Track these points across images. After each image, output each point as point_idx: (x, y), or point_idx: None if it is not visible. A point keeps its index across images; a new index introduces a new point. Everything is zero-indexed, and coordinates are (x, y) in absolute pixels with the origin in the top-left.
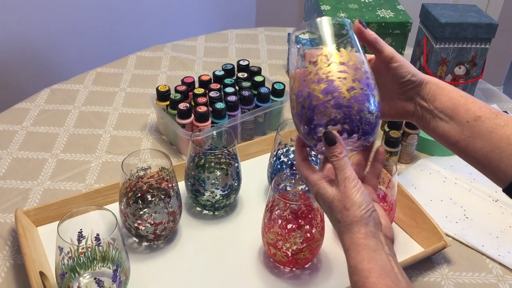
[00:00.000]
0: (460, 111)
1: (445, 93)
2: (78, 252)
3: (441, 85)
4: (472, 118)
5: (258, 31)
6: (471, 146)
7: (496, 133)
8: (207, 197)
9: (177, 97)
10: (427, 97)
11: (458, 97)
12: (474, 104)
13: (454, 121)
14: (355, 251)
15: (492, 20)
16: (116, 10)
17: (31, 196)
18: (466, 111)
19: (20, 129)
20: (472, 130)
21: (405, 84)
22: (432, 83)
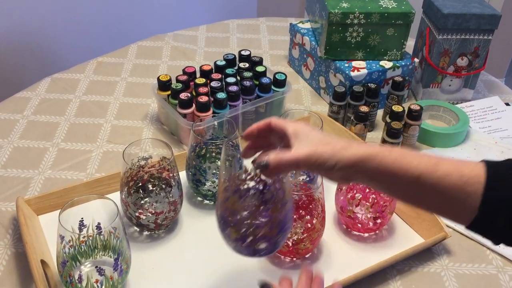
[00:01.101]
0: (399, 176)
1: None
2: (79, 241)
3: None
4: (412, 180)
5: (260, 21)
6: (421, 201)
7: (441, 185)
8: (208, 187)
9: (178, 87)
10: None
11: (390, 163)
12: (410, 163)
13: (396, 186)
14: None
15: (495, 11)
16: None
17: (32, 185)
18: (404, 174)
19: (21, 118)
20: (417, 189)
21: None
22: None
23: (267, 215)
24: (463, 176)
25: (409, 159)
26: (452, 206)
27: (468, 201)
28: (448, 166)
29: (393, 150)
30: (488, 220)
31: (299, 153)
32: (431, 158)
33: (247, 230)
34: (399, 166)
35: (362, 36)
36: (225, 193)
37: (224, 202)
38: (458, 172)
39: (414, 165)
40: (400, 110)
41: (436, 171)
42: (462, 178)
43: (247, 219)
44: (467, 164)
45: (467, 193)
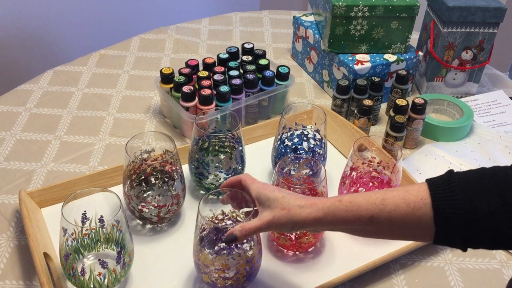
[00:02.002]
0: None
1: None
2: (82, 234)
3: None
4: (366, 222)
5: (263, 14)
6: (381, 236)
7: (395, 219)
8: (211, 180)
9: (181, 80)
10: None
11: (343, 214)
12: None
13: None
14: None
15: (501, 4)
16: None
17: (34, 178)
18: (357, 219)
19: (23, 110)
20: (373, 228)
21: None
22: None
23: (236, 270)
24: (410, 203)
25: (359, 203)
26: (411, 232)
27: (422, 224)
28: (394, 199)
29: (343, 200)
30: (446, 233)
31: (261, 221)
32: (378, 196)
33: (217, 279)
34: (351, 215)
35: (366, 29)
36: (199, 243)
37: (198, 253)
38: (404, 202)
39: (363, 208)
40: (404, 103)
41: (384, 208)
42: (409, 205)
43: (217, 271)
44: (411, 191)
45: (418, 217)
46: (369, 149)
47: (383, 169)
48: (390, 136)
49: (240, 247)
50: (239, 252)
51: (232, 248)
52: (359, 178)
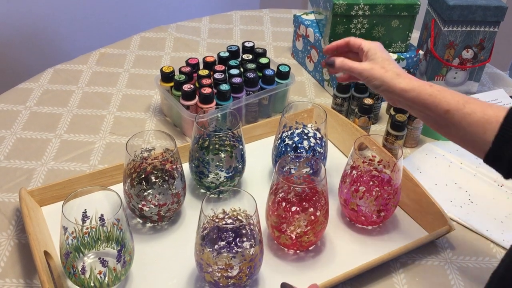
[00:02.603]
0: (430, 108)
1: (414, 95)
2: (83, 232)
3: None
4: (442, 113)
5: (263, 12)
6: (446, 132)
7: (465, 121)
8: (211, 179)
9: (181, 79)
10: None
11: (426, 96)
12: (443, 98)
13: (427, 115)
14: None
15: (501, 2)
16: None
17: (35, 176)
18: (435, 107)
19: (23, 109)
20: (444, 121)
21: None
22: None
23: (239, 269)
24: (485, 115)
25: (444, 95)
26: (472, 139)
27: (485, 136)
28: (475, 106)
29: (433, 86)
30: (498, 153)
31: (360, 65)
32: (462, 98)
33: (220, 278)
34: (432, 100)
35: (366, 27)
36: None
37: (200, 252)
38: (482, 112)
39: (446, 100)
40: None
41: (463, 109)
42: (484, 116)
43: (220, 271)
44: (492, 107)
45: (485, 129)
46: (370, 148)
47: (383, 168)
48: (390, 135)
49: (240, 245)
50: (242, 252)
51: (232, 247)
52: (360, 177)
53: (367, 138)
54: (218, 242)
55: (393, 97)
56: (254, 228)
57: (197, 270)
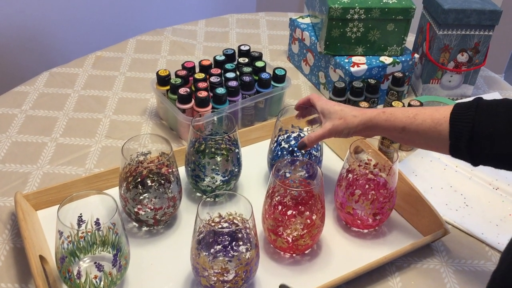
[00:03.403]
0: (389, 132)
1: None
2: (78, 236)
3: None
4: (399, 132)
5: (259, 16)
6: (411, 144)
7: (422, 130)
8: (207, 183)
9: (177, 82)
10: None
11: (383, 123)
12: (395, 119)
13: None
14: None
15: (496, 6)
16: None
17: (30, 180)
18: (393, 129)
19: (19, 112)
20: (405, 137)
21: None
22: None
23: (235, 273)
24: (434, 119)
25: (396, 116)
26: (432, 143)
27: (441, 137)
28: (424, 115)
29: (385, 112)
30: (457, 147)
31: (323, 130)
32: (412, 111)
33: (216, 282)
34: (389, 124)
35: (362, 31)
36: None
37: (196, 256)
38: (431, 118)
39: (399, 120)
40: (400, 106)
41: (414, 121)
42: (433, 121)
43: (216, 275)
44: (440, 110)
45: (439, 131)
46: (365, 151)
47: (379, 172)
48: (386, 138)
49: (236, 249)
50: (238, 255)
51: (228, 251)
52: (355, 180)
53: (363, 142)
54: (214, 246)
55: (365, 134)
56: (250, 232)
57: (193, 274)
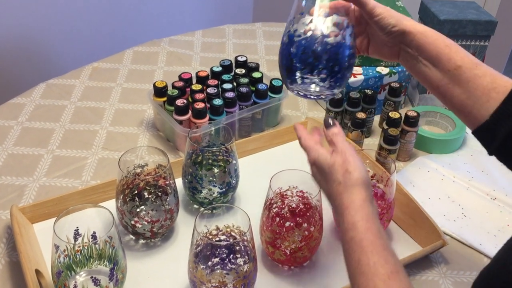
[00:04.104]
0: (443, 59)
1: (430, 42)
2: (75, 250)
3: (426, 33)
4: (453, 67)
5: (256, 26)
6: (449, 92)
7: (474, 82)
8: (204, 195)
9: (174, 93)
10: (412, 44)
11: (443, 46)
12: (457, 54)
13: (436, 68)
14: (354, 210)
15: (492, 17)
16: (113, 4)
17: (26, 193)
18: (448, 60)
19: (15, 124)
20: (452, 78)
21: (387, 34)
22: (417, 33)
23: (232, 287)
24: (495, 83)
25: (457, 49)
26: (472, 104)
27: (487, 105)
28: (486, 70)
29: (446, 38)
30: (493, 127)
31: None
32: (474, 59)
33: None
34: (448, 52)
35: None
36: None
37: (193, 270)
38: (492, 78)
39: (459, 55)
40: (397, 116)
41: (474, 69)
42: (493, 84)
43: None
44: (502, 77)
45: (490, 97)
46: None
47: (376, 183)
48: (383, 149)
49: (234, 262)
50: (236, 268)
51: (226, 263)
52: None
53: (360, 152)
54: (212, 259)
55: (404, 41)
56: (248, 245)
57: (191, 287)
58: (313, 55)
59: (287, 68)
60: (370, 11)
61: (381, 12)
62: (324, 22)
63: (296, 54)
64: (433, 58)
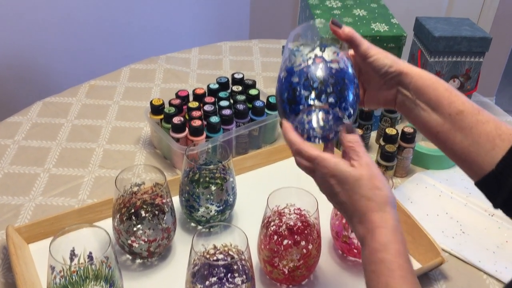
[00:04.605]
0: (443, 104)
1: (429, 84)
2: (71, 271)
3: (424, 76)
4: (454, 112)
5: (252, 43)
6: (451, 138)
7: (477, 128)
8: (201, 213)
9: (171, 111)
10: (409, 87)
11: (442, 90)
12: (458, 98)
13: (436, 113)
14: (387, 230)
15: (486, 33)
16: (109, 22)
17: (22, 212)
18: (449, 104)
19: (11, 143)
20: (454, 123)
21: (383, 76)
22: (414, 74)
23: None
24: (499, 129)
25: (457, 93)
26: (476, 152)
27: (492, 153)
28: (489, 117)
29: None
30: (500, 178)
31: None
32: (474, 104)
33: None
34: (448, 95)
35: None
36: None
37: None
38: (495, 125)
39: (460, 100)
40: (393, 133)
41: (477, 114)
42: (497, 130)
43: None
44: (506, 124)
45: (495, 145)
46: None
47: None
48: (380, 165)
49: (232, 281)
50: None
51: (224, 283)
52: None
53: None
54: (209, 278)
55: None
56: (246, 264)
57: None
58: (318, 80)
59: (290, 100)
60: (364, 51)
61: (376, 53)
62: (324, 51)
63: (299, 83)
64: (433, 102)
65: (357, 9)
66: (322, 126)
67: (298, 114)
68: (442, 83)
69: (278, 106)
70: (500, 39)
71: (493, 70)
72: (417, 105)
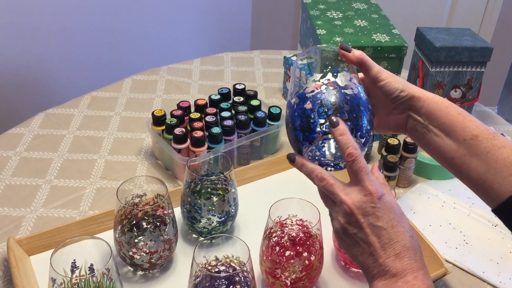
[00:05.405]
0: (457, 128)
1: (441, 108)
2: (71, 283)
3: (436, 100)
4: (469, 137)
5: (254, 54)
6: (466, 164)
7: (493, 154)
8: (203, 224)
9: (173, 122)
10: (421, 111)
11: (455, 114)
12: (472, 122)
13: (450, 138)
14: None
15: (487, 43)
16: (111, 34)
17: (24, 224)
18: (463, 129)
19: (13, 154)
20: (469, 148)
21: (394, 100)
22: (426, 99)
23: None
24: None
25: (471, 117)
26: (493, 179)
27: (510, 178)
28: (505, 141)
29: (457, 107)
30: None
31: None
32: (489, 128)
33: None
34: (462, 120)
35: None
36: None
37: None
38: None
39: (474, 124)
40: (395, 143)
41: (492, 139)
42: None
43: None
44: None
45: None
46: None
47: None
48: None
49: None
50: None
51: None
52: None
53: None
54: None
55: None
56: (248, 275)
57: None
58: (333, 107)
59: (303, 127)
60: (375, 75)
61: (387, 77)
62: (337, 76)
63: (313, 109)
64: (446, 127)
65: (358, 20)
66: (334, 154)
67: (311, 142)
68: (454, 107)
69: (289, 133)
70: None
71: (495, 80)
72: (430, 130)
